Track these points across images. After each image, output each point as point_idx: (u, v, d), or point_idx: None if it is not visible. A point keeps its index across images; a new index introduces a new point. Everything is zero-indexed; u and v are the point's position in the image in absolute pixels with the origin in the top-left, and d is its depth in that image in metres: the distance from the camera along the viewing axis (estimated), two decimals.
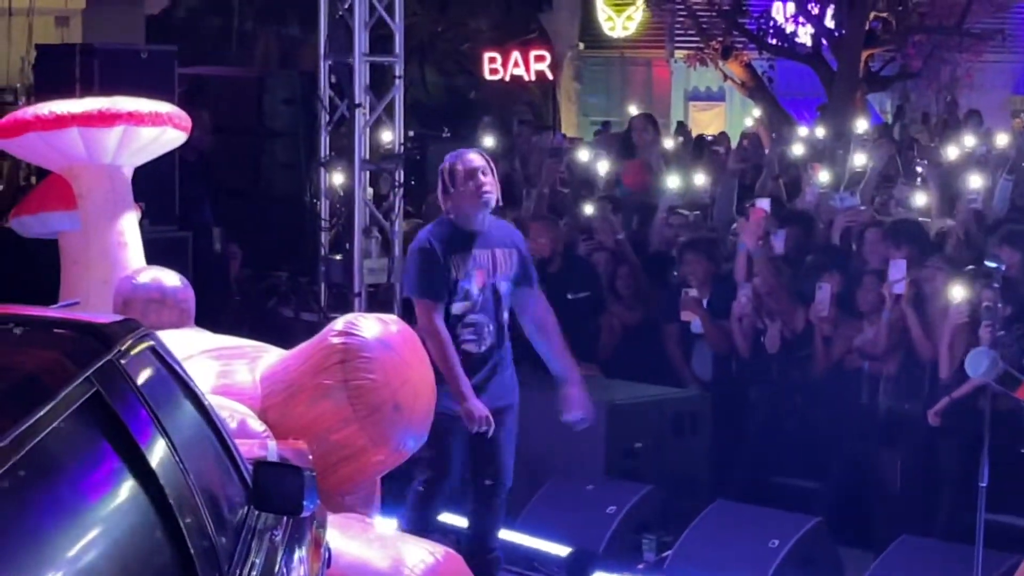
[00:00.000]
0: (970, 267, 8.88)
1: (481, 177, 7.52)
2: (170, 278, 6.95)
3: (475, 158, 7.64)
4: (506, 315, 7.67)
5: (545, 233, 10.19)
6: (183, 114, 8.14)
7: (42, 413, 3.03)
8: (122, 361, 3.54)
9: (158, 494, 3.36)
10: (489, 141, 14.16)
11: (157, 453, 3.48)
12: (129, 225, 7.89)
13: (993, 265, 7.31)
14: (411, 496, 7.73)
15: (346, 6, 9.68)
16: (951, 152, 13.75)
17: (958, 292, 8.31)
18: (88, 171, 7.84)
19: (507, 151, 14.63)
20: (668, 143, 15.49)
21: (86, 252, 7.82)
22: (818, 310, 9.22)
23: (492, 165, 7.65)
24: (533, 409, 9.06)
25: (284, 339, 7.70)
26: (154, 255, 7.85)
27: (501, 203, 7.75)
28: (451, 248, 7.53)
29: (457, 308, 7.54)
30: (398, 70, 9.99)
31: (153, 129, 7.87)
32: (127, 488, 3.29)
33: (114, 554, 3.13)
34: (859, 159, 13.45)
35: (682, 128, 20.35)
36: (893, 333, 8.94)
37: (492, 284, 7.56)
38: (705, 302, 9.84)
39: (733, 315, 9.60)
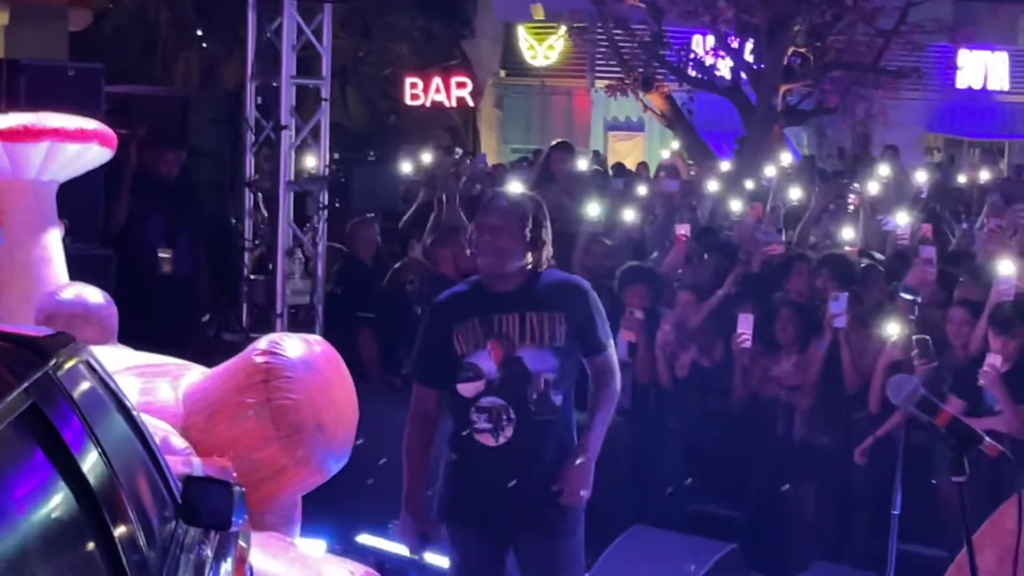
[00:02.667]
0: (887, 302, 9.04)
1: (501, 235, 6.16)
2: (93, 295, 6.93)
3: (504, 206, 6.24)
4: (552, 397, 6.10)
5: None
6: (109, 131, 8.13)
7: None
8: (58, 374, 3.56)
9: (91, 505, 3.39)
10: (408, 167, 14.21)
11: (91, 465, 3.50)
12: (52, 241, 7.86)
13: (909, 297, 7.44)
14: None
15: (274, 28, 9.71)
16: (871, 187, 13.96)
17: (892, 327, 8.41)
18: (12, 186, 7.79)
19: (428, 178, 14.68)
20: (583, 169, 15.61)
21: (8, 268, 7.77)
22: (740, 339, 9.29)
23: (534, 215, 6.20)
24: None
25: (206, 358, 7.72)
26: (77, 272, 7.82)
27: (552, 262, 6.30)
28: (460, 314, 6.20)
29: (465, 389, 6.17)
30: (324, 92, 10.02)
31: (79, 146, 7.84)
32: (62, 499, 3.31)
33: (47, 564, 3.15)
34: (793, 193, 13.66)
35: (597, 157, 20.48)
36: (823, 365, 9.07)
37: (516, 358, 6.09)
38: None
39: (657, 343, 9.65)
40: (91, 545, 3.38)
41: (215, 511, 4.15)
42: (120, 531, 3.49)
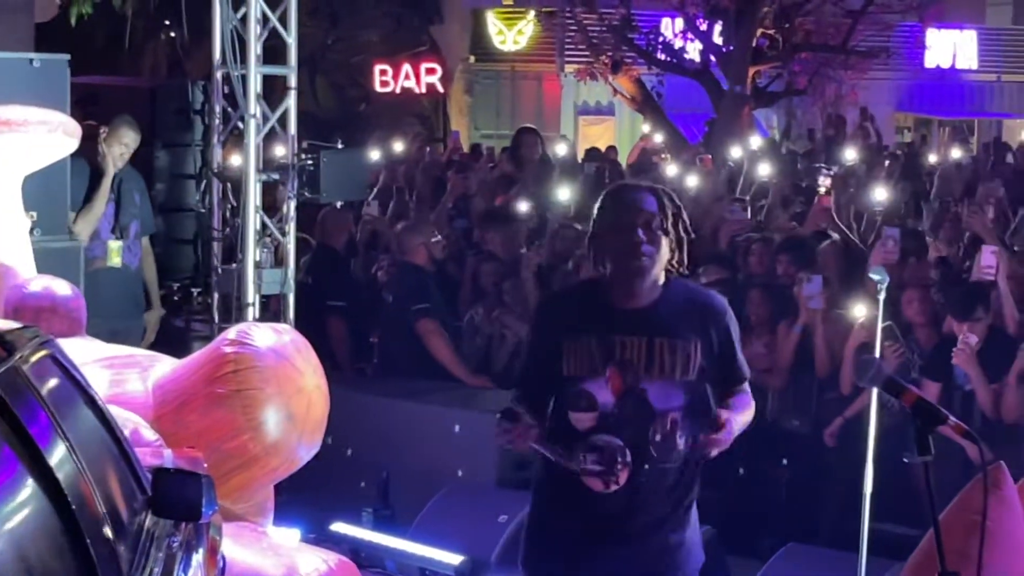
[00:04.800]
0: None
1: (639, 232, 5.02)
2: (61, 287, 6.93)
3: (637, 197, 5.11)
4: (674, 440, 5.01)
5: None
6: (74, 123, 8.10)
7: None
8: (24, 367, 3.56)
9: (59, 499, 3.38)
10: (377, 155, 14.20)
11: (58, 458, 3.50)
12: (19, 234, 7.83)
13: (877, 278, 7.45)
14: None
15: (239, 17, 9.68)
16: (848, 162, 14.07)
17: (860, 310, 8.43)
18: None
19: (400, 162, 14.68)
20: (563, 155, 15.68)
21: None
22: None
23: (669, 205, 5.11)
24: (426, 419, 9.12)
25: (176, 349, 7.71)
26: (45, 265, 7.80)
27: (685, 270, 5.21)
28: (573, 328, 5.07)
29: (576, 419, 5.05)
30: (292, 81, 10.00)
31: (44, 137, 7.82)
32: (29, 493, 3.31)
33: (16, 558, 3.14)
34: (763, 169, 13.73)
35: (564, 142, 20.49)
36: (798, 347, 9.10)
37: (640, 391, 5.01)
38: None
39: None
40: (60, 539, 3.37)
41: (185, 502, 4.15)
42: (89, 524, 3.49)
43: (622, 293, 5.08)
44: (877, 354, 7.49)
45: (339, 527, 8.84)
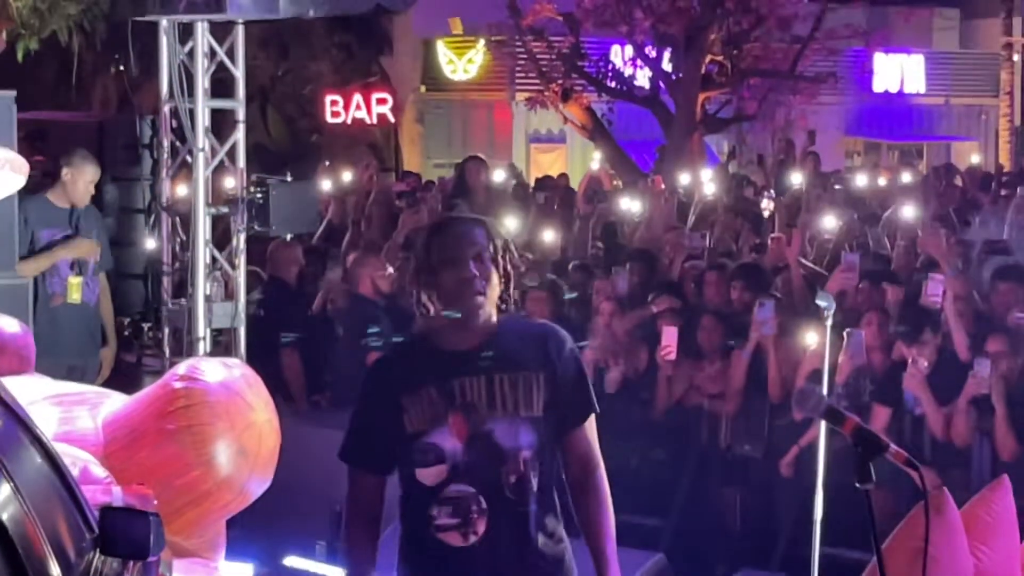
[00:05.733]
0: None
1: (471, 265, 4.79)
2: (9, 324, 6.89)
3: (466, 230, 4.87)
4: (528, 480, 4.76)
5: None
6: (21, 159, 8.07)
7: None
8: None
9: (4, 540, 3.36)
10: (328, 185, 14.19)
11: (3, 499, 3.48)
12: None
13: (823, 304, 7.50)
14: None
15: (186, 50, 9.68)
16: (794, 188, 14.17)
17: (811, 337, 8.47)
18: None
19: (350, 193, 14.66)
20: (500, 182, 15.67)
21: None
22: (664, 352, 9.29)
23: (497, 237, 4.91)
24: None
25: (127, 384, 7.68)
26: None
27: (511, 305, 4.94)
28: (410, 382, 4.81)
29: (425, 476, 4.78)
30: (240, 115, 10.00)
31: None
32: None
33: None
34: (709, 190, 13.83)
35: (512, 170, 20.51)
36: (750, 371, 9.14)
37: (486, 432, 4.74)
38: None
39: (585, 359, 9.64)
40: None
41: (132, 541, 4.13)
42: (34, 565, 3.47)
43: (454, 334, 4.81)
44: (824, 382, 7.53)
45: (292, 561, 8.81)
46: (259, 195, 9.84)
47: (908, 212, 12.05)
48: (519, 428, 4.74)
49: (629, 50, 22.31)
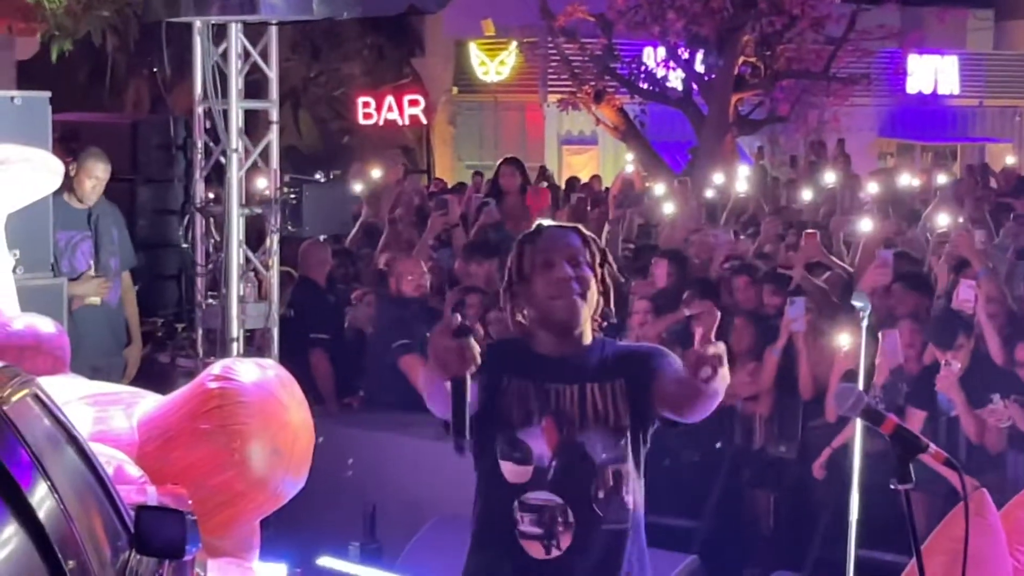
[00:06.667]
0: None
1: (566, 267, 4.52)
2: (45, 325, 6.93)
3: (559, 234, 4.62)
4: (618, 496, 4.50)
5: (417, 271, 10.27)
6: (56, 160, 8.11)
7: None
8: (4, 407, 3.55)
9: (41, 539, 3.37)
10: (359, 187, 14.20)
11: (40, 499, 3.49)
12: (2, 272, 7.83)
13: (859, 304, 7.46)
14: None
15: (220, 51, 9.69)
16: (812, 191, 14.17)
17: (844, 337, 8.43)
18: None
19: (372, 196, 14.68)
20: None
21: None
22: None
23: (595, 246, 4.62)
24: (413, 452, 9.10)
25: (161, 385, 7.70)
26: (28, 303, 7.79)
27: (612, 319, 4.66)
28: (513, 368, 4.53)
29: (509, 471, 4.53)
30: (274, 115, 10.00)
31: (26, 175, 7.83)
32: (11, 533, 3.30)
33: None
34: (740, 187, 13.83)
35: (544, 173, 20.49)
36: (779, 374, 9.10)
37: (577, 444, 4.47)
38: None
39: None
40: None
41: (168, 540, 4.14)
42: (71, 565, 3.48)
43: (549, 339, 4.54)
44: (860, 382, 7.50)
45: (326, 561, 8.82)
46: (292, 196, 9.84)
47: (943, 220, 11.99)
48: (609, 441, 4.47)
49: (662, 51, 22.29)
